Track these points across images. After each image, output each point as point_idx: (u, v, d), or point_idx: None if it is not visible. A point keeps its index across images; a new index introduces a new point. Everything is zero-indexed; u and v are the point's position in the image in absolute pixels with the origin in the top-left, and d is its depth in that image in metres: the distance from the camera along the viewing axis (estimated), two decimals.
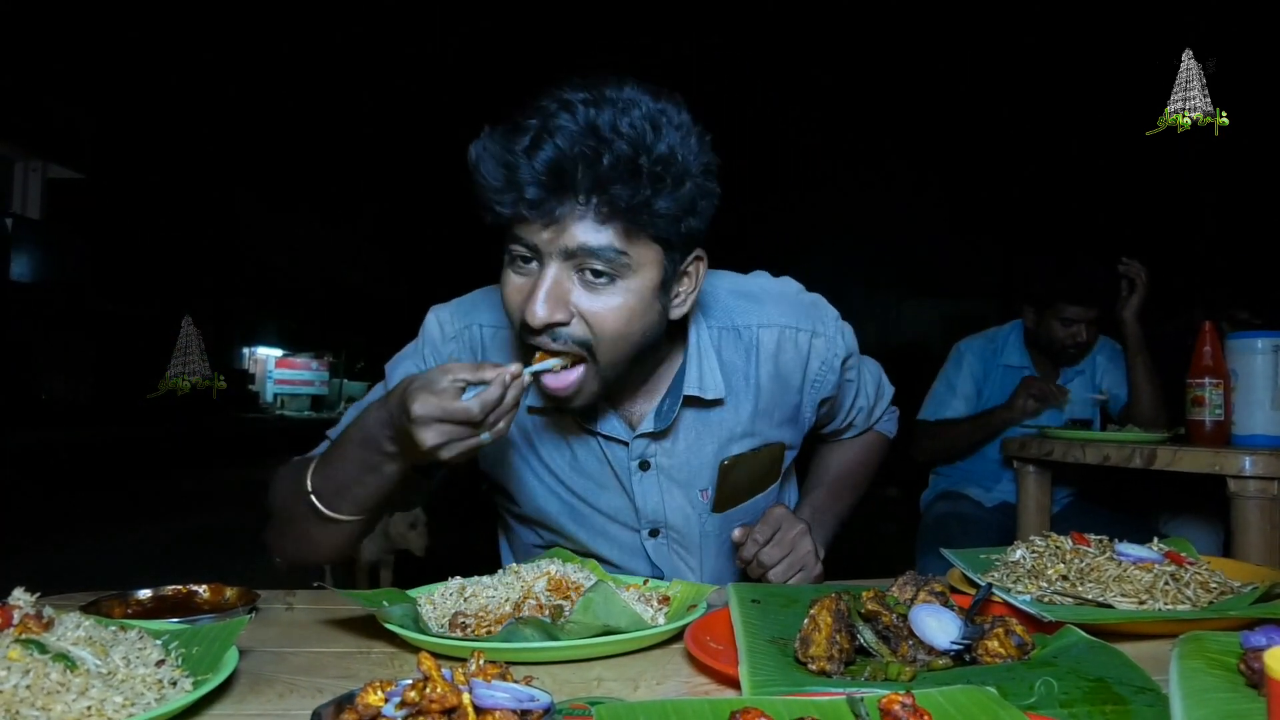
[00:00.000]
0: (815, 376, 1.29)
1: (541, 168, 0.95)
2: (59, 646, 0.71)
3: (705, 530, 1.29)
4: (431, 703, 0.58)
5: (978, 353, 2.85)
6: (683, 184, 0.99)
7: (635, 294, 1.02)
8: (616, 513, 1.27)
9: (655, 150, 0.96)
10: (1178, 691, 0.65)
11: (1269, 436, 1.96)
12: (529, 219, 0.98)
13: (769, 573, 1.16)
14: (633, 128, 0.96)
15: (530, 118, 0.98)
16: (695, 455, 1.24)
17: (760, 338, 1.25)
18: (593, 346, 1.03)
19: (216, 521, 7.18)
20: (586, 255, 0.99)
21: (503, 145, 0.97)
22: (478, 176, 0.98)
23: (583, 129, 0.95)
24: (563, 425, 1.24)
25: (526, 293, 1.02)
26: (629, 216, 0.97)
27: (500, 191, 0.97)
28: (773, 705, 0.62)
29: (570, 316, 1.02)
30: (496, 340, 1.24)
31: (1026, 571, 1.06)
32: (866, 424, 1.51)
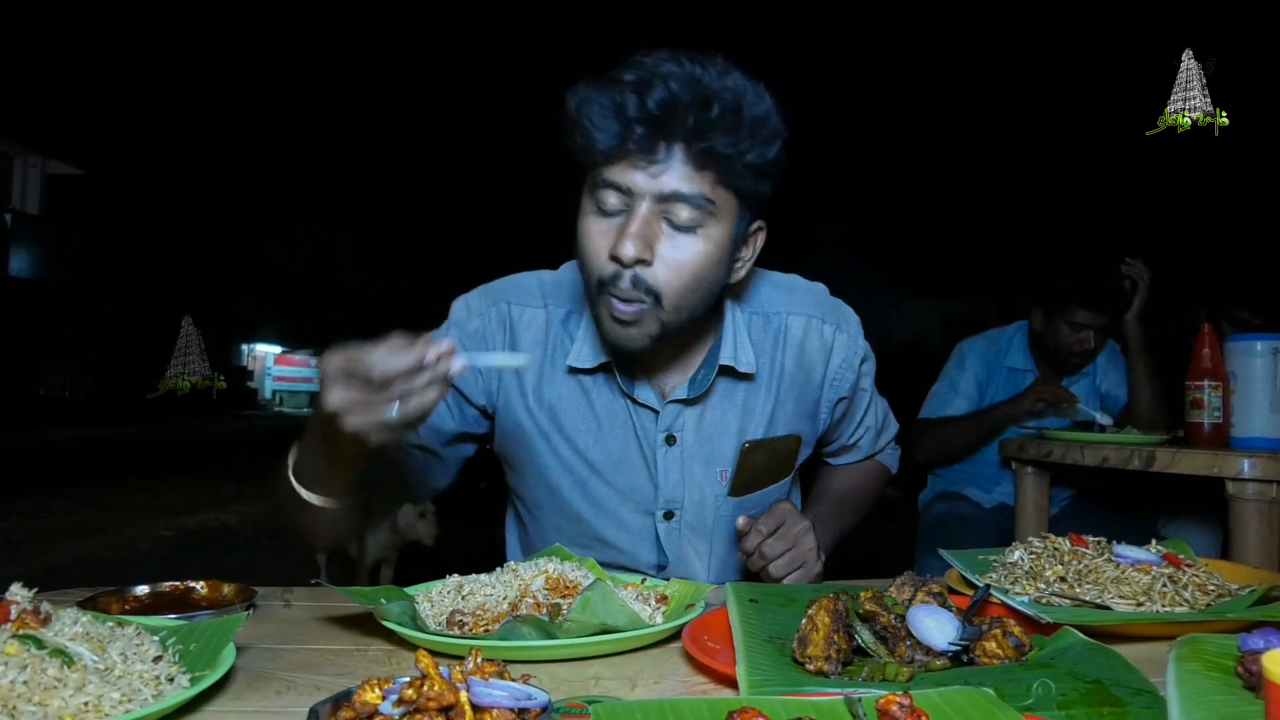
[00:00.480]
0: (835, 373, 1.33)
1: (654, 106, 0.99)
2: (56, 642, 0.71)
3: (719, 514, 1.30)
4: (429, 700, 0.58)
5: (980, 353, 2.82)
6: (772, 144, 1.05)
7: (714, 243, 1.08)
8: (633, 492, 1.28)
9: (756, 109, 1.03)
10: (1175, 694, 0.65)
11: (1268, 439, 1.96)
12: (631, 157, 1.02)
13: (770, 565, 1.16)
14: (736, 84, 1.02)
15: (633, 70, 1.02)
16: (719, 432, 1.27)
17: (788, 325, 1.30)
18: (662, 294, 1.07)
19: (214, 519, 7.18)
20: (678, 201, 1.04)
21: (610, 90, 1.02)
22: (582, 118, 1.03)
23: (690, 78, 1.01)
24: (594, 392, 1.25)
25: (613, 235, 1.06)
26: (723, 165, 1.03)
27: (607, 130, 1.01)
28: (770, 705, 0.62)
29: (653, 259, 1.06)
30: (524, 319, 1.27)
31: (1024, 573, 1.06)
32: (871, 449, 1.51)
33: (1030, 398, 2.58)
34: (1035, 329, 2.73)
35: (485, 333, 1.26)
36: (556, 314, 1.27)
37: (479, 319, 1.27)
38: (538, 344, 1.26)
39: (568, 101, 1.05)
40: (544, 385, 1.26)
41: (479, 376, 1.27)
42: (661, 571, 1.32)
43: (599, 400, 1.25)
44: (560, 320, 1.26)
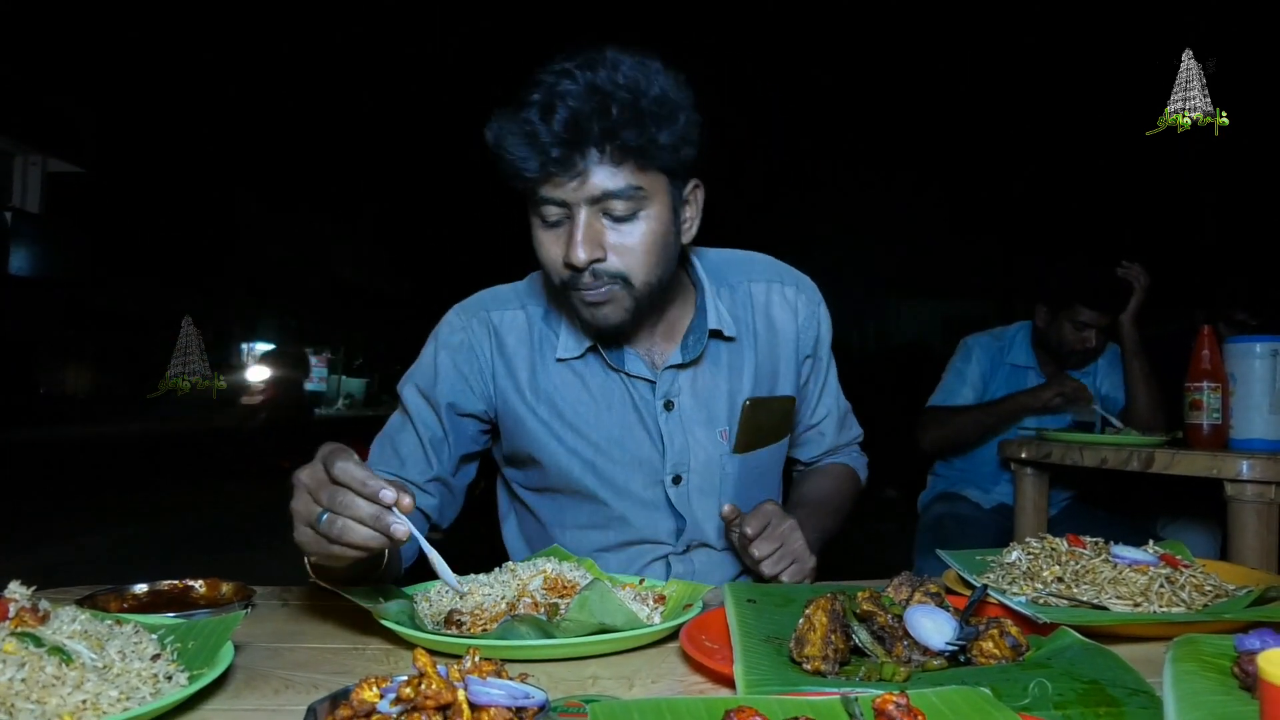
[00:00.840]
0: (802, 329, 1.41)
1: (560, 128, 1.07)
2: (55, 640, 0.71)
3: (726, 472, 1.34)
4: (426, 699, 0.58)
5: (985, 349, 2.85)
6: (677, 118, 1.12)
7: (656, 220, 1.16)
8: (640, 463, 1.32)
9: (650, 93, 1.10)
10: (1172, 694, 0.66)
11: (1267, 441, 1.96)
12: (555, 175, 1.10)
13: (761, 565, 1.18)
14: (626, 77, 1.09)
15: (534, 92, 1.10)
16: (713, 393, 1.33)
17: (752, 291, 1.39)
18: (627, 276, 1.16)
19: (213, 517, 7.18)
20: (610, 198, 1.12)
21: (519, 119, 1.09)
22: (502, 151, 1.11)
23: (586, 89, 1.08)
24: (587, 375, 1.31)
25: (564, 242, 1.14)
26: (639, 154, 1.10)
27: (527, 158, 1.09)
28: (767, 705, 0.63)
29: (605, 253, 1.14)
30: (505, 322, 1.33)
31: (1022, 573, 1.06)
32: (836, 439, 1.55)
33: (1050, 390, 2.60)
34: (1039, 326, 2.76)
35: (471, 342, 1.32)
36: (536, 312, 1.34)
37: (462, 332, 1.33)
38: (523, 342, 1.32)
39: (487, 135, 1.13)
40: (538, 378, 1.31)
41: (470, 385, 1.31)
42: (680, 537, 1.35)
43: (593, 381, 1.31)
44: (541, 317, 1.33)
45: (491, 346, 1.32)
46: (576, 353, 1.29)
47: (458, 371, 1.32)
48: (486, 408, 1.33)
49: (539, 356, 1.31)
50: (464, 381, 1.31)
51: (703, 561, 1.36)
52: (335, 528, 0.84)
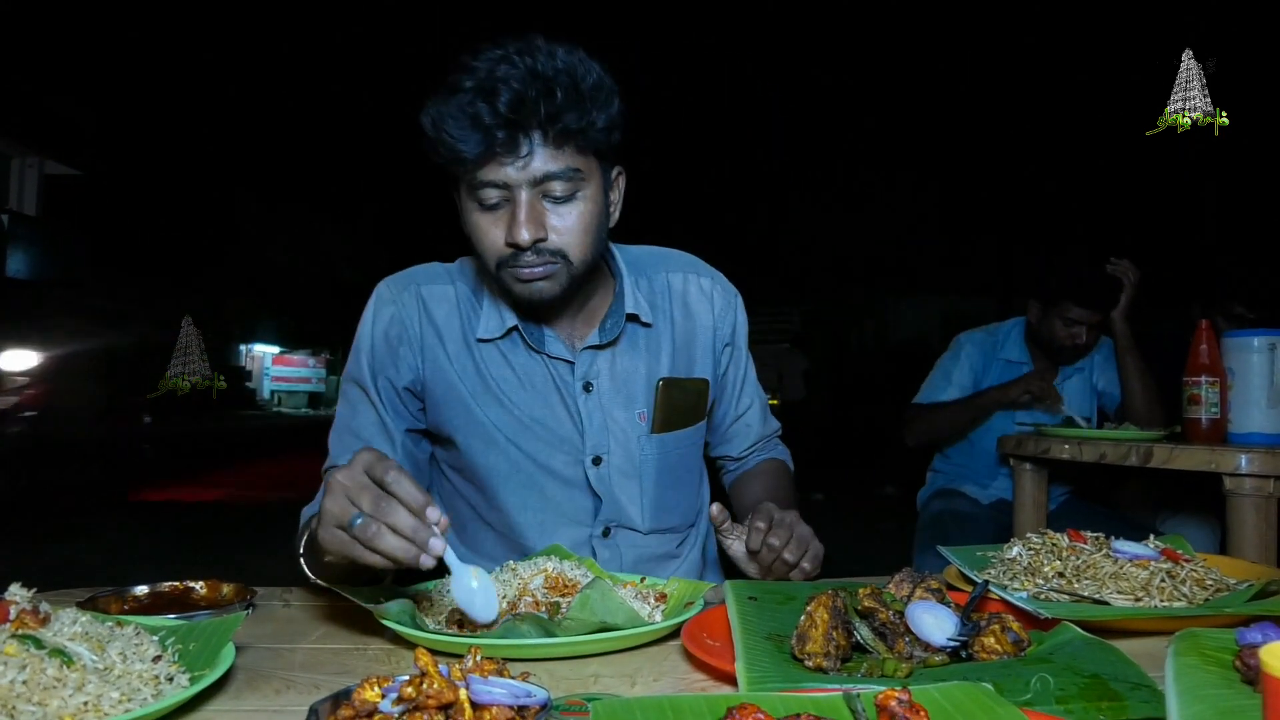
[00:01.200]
0: (719, 318, 1.45)
1: (506, 109, 1.09)
2: (56, 642, 0.71)
3: (645, 454, 1.37)
4: (428, 698, 0.58)
5: (978, 345, 2.87)
6: (612, 103, 1.17)
7: (591, 200, 1.20)
8: (561, 443, 1.33)
9: (588, 78, 1.14)
10: (1173, 688, 0.66)
11: (1265, 435, 1.96)
12: (499, 157, 1.12)
13: (784, 553, 1.17)
14: (564, 62, 1.13)
15: (469, 76, 1.12)
16: (631, 375, 1.36)
17: (670, 281, 1.43)
18: (567, 253, 1.19)
19: (213, 518, 7.18)
20: (550, 179, 1.15)
21: (460, 102, 1.11)
22: (442, 134, 1.12)
23: (527, 73, 1.10)
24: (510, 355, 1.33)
25: (505, 224, 1.17)
26: (579, 138, 1.14)
27: (470, 140, 1.10)
28: (769, 702, 0.63)
29: (547, 233, 1.17)
30: (434, 295, 1.36)
31: (1023, 568, 1.06)
32: (762, 429, 1.58)
33: (1018, 388, 2.64)
34: (1031, 322, 2.78)
35: (401, 315, 1.34)
36: (464, 290, 1.36)
37: (392, 305, 1.35)
38: (453, 314, 1.35)
39: (423, 121, 1.15)
40: (465, 352, 1.33)
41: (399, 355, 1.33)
42: (597, 517, 1.36)
43: (516, 361, 1.33)
44: (468, 296, 1.36)
45: (421, 318, 1.34)
46: (498, 333, 1.31)
47: (388, 345, 1.33)
48: (414, 378, 1.34)
49: (469, 330, 1.34)
50: (394, 355, 1.33)
51: (627, 543, 1.37)
52: (369, 532, 0.85)
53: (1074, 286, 2.64)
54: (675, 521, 1.42)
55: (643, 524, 1.38)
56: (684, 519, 1.45)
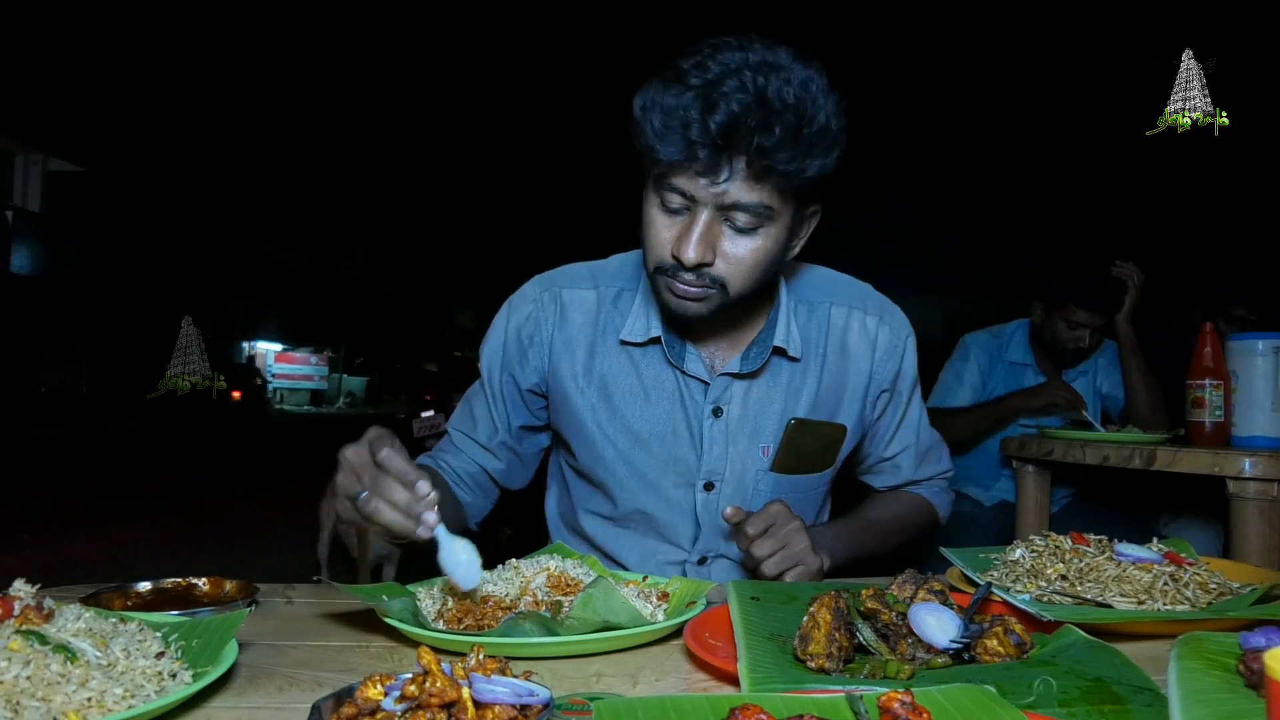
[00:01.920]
0: (879, 363, 1.36)
1: (716, 131, 1.02)
2: (59, 638, 0.71)
3: (759, 489, 1.33)
4: (431, 697, 0.58)
5: (984, 347, 2.87)
6: (831, 152, 1.08)
7: (773, 239, 1.13)
8: (675, 463, 1.31)
9: (815, 121, 1.05)
10: (1176, 692, 0.65)
11: (1269, 438, 1.96)
12: (692, 169, 1.06)
13: (762, 565, 1.16)
14: (796, 98, 1.04)
15: (698, 75, 1.04)
16: (765, 409, 1.31)
17: (831, 315, 1.35)
18: (727, 284, 1.14)
19: (215, 515, 7.19)
20: (738, 209, 1.08)
21: (676, 101, 1.04)
22: (647, 125, 1.06)
23: (754, 97, 1.02)
24: (644, 364, 1.31)
25: (677, 233, 1.11)
26: (783, 178, 1.06)
27: (671, 146, 1.04)
28: (772, 702, 0.62)
29: (715, 258, 1.11)
30: (575, 300, 1.34)
31: (1026, 571, 1.06)
32: (913, 473, 1.50)
33: (1044, 396, 2.62)
34: (1035, 322, 2.77)
35: (538, 315, 1.34)
36: (608, 293, 1.33)
37: (532, 304, 1.35)
38: (588, 322, 1.33)
39: (635, 102, 1.08)
40: (594, 359, 1.32)
41: (527, 356, 1.35)
42: (695, 545, 1.34)
43: (648, 372, 1.31)
44: (611, 299, 1.33)
45: (555, 322, 1.33)
46: (641, 338, 1.29)
47: (519, 344, 1.35)
48: (539, 380, 1.36)
49: (600, 338, 1.32)
50: (523, 354, 1.34)
51: (720, 574, 1.35)
52: (370, 507, 0.92)
53: (1078, 289, 2.63)
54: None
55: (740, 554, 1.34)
56: None
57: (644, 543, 1.35)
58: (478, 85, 17.83)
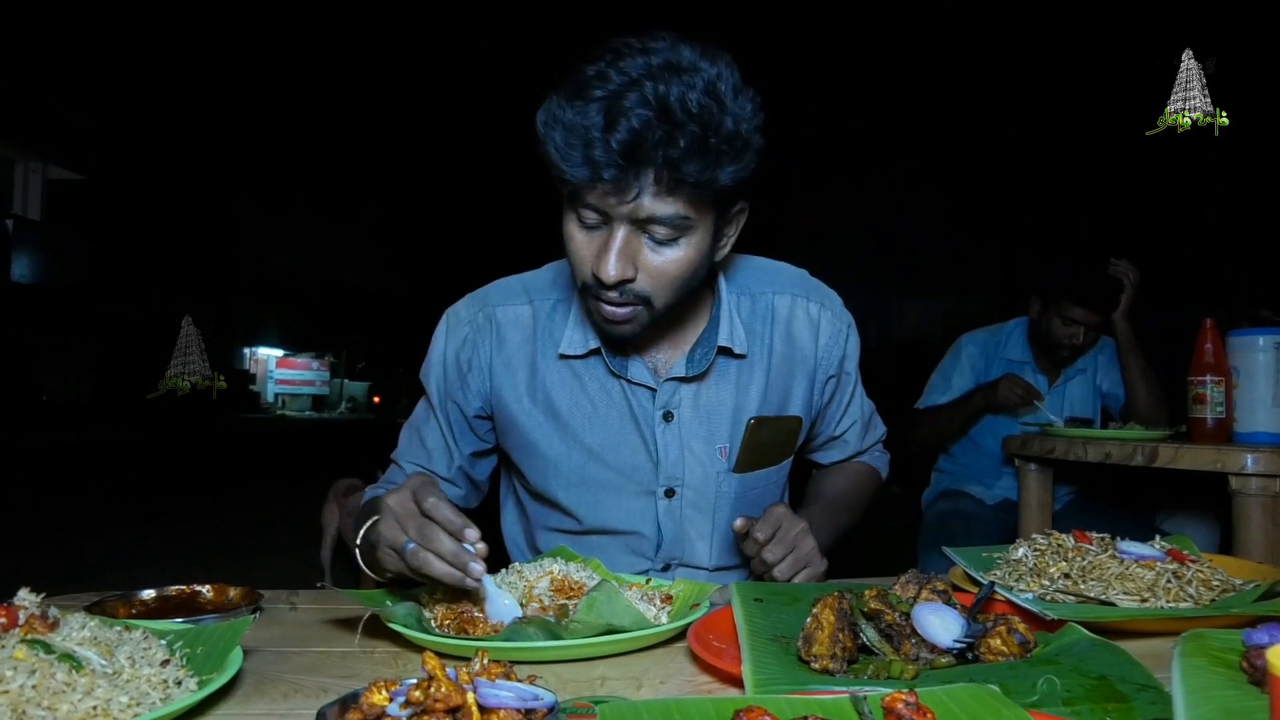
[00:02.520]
0: (824, 350, 1.36)
1: (619, 148, 0.99)
2: (65, 647, 0.71)
3: (722, 491, 1.32)
4: (436, 702, 0.58)
5: (980, 345, 2.88)
6: (744, 154, 1.04)
7: (694, 247, 1.10)
8: (633, 472, 1.29)
9: (723, 128, 1.01)
10: (1180, 689, 0.65)
11: (1271, 434, 1.96)
12: (601, 187, 1.02)
13: (773, 570, 1.16)
14: (701, 105, 1.00)
15: (597, 88, 1.00)
16: (716, 409, 1.29)
17: (775, 304, 1.33)
18: (651, 298, 1.12)
19: (219, 522, 7.19)
20: (654, 223, 1.06)
21: (575, 119, 1.01)
22: (549, 144, 1.02)
23: (656, 110, 0.99)
24: (587, 377, 1.28)
25: (595, 250, 1.09)
26: (696, 189, 1.03)
27: (577, 166, 1.01)
28: (776, 704, 0.63)
29: (636, 272, 1.09)
30: (509, 317, 1.31)
31: (1029, 570, 1.06)
32: (859, 445, 1.52)
33: (1002, 388, 2.64)
34: (1032, 318, 2.78)
35: (474, 338, 1.31)
36: (543, 307, 1.31)
37: (466, 326, 1.32)
38: (525, 340, 1.30)
39: (538, 118, 1.05)
40: (536, 377, 1.29)
41: (467, 382, 1.31)
42: (659, 551, 1.33)
43: (592, 384, 1.28)
44: (547, 313, 1.30)
45: (492, 343, 1.30)
46: (580, 350, 1.26)
47: (459, 369, 1.31)
48: (483, 405, 1.33)
49: (540, 354, 1.29)
50: (463, 379, 1.31)
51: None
52: (418, 559, 0.91)
53: (1074, 286, 2.64)
54: (742, 560, 1.36)
55: (709, 560, 1.34)
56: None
57: (606, 555, 1.32)
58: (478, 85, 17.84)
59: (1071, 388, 2.81)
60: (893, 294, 20.05)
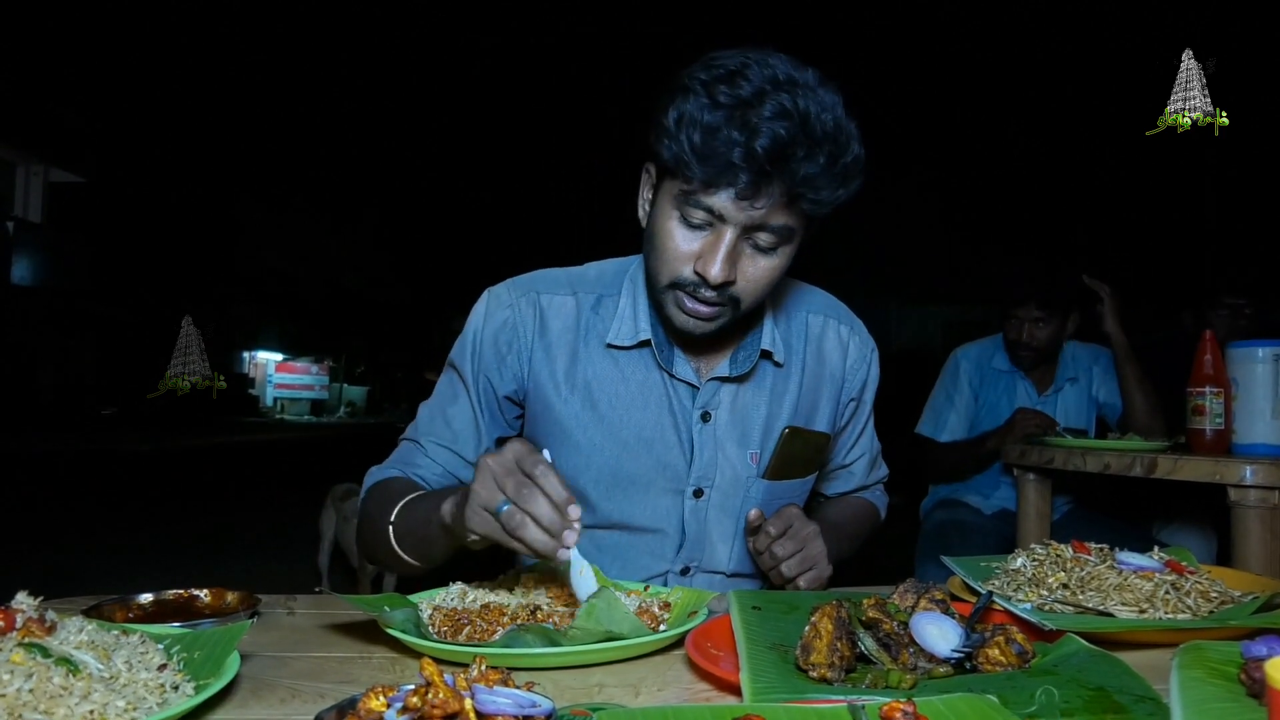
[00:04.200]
0: (850, 371, 1.39)
1: (764, 156, 1.01)
2: (62, 650, 0.71)
3: (750, 495, 1.32)
4: (434, 708, 0.58)
5: (974, 359, 2.89)
6: (854, 181, 1.09)
7: (787, 257, 1.15)
8: (665, 468, 1.29)
9: (850, 151, 1.07)
10: (1178, 701, 0.65)
11: (1270, 446, 1.95)
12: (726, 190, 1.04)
13: (781, 565, 1.17)
14: (835, 126, 1.05)
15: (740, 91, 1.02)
16: (751, 414, 1.31)
17: (808, 323, 1.38)
18: (742, 301, 1.15)
19: (217, 526, 7.18)
20: (763, 230, 1.09)
21: (717, 122, 1.02)
22: (682, 140, 1.04)
23: (799, 126, 1.02)
24: (630, 369, 1.29)
25: (699, 249, 1.10)
26: (814, 205, 1.08)
27: (710, 166, 1.03)
28: (774, 712, 0.63)
29: (736, 277, 1.12)
30: (553, 306, 1.31)
31: (1027, 579, 1.06)
32: (864, 479, 1.54)
33: (1015, 429, 2.62)
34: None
35: (515, 320, 1.30)
36: (587, 300, 1.31)
37: (508, 309, 1.31)
38: (568, 328, 1.30)
39: (669, 114, 1.06)
40: (577, 365, 1.29)
41: (505, 363, 1.30)
42: (680, 552, 1.32)
43: (634, 376, 1.29)
44: (591, 306, 1.31)
45: (535, 329, 1.29)
46: (629, 342, 1.27)
47: (497, 350, 1.30)
48: (517, 388, 1.32)
49: (582, 343, 1.29)
50: (500, 360, 1.30)
51: (704, 585, 1.34)
52: (514, 521, 0.89)
53: (1014, 284, 2.72)
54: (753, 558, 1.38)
55: (728, 565, 1.35)
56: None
57: (624, 554, 1.32)
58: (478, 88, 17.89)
59: (1064, 397, 2.81)
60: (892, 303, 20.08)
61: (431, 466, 1.30)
